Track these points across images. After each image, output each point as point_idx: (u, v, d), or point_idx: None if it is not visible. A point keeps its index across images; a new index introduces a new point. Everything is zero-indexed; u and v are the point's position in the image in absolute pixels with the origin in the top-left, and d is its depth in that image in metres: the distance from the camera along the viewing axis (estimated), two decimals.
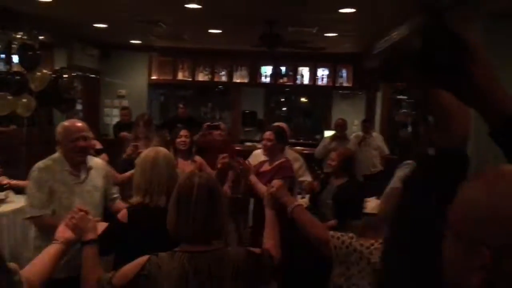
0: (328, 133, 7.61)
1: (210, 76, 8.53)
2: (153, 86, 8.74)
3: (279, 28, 5.56)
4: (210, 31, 6.35)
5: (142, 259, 1.55)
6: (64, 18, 5.79)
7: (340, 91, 8.89)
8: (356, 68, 8.34)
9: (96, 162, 2.77)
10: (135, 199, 2.10)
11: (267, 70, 8.56)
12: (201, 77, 8.55)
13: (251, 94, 9.34)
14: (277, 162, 3.35)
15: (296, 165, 3.81)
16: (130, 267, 1.55)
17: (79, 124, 2.63)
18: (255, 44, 5.96)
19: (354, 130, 7.75)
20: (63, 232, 1.71)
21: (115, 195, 2.81)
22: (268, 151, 3.37)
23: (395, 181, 3.04)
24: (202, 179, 1.64)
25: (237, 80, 8.55)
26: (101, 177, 2.68)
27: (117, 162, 4.90)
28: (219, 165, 3.56)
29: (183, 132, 3.97)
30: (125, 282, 1.53)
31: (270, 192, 2.07)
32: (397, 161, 6.12)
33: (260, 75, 8.59)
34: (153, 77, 8.49)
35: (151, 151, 2.22)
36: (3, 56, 5.67)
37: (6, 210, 3.46)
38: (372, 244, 1.87)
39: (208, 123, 5.17)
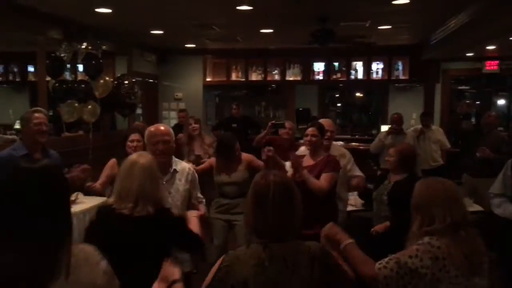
0: (384, 128, 7.44)
1: (263, 75, 8.61)
2: (208, 88, 8.95)
3: (331, 23, 5.52)
4: (261, 31, 6.42)
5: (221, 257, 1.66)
6: (124, 27, 6.08)
7: (397, 84, 8.63)
8: (413, 60, 8.07)
9: (183, 165, 2.95)
10: (111, 200, 2.20)
11: (319, 66, 8.50)
12: (254, 76, 8.65)
13: (305, 92, 9.30)
14: (321, 157, 3.41)
15: (343, 161, 3.80)
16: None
17: (162, 128, 2.84)
18: (307, 42, 5.95)
19: (413, 123, 7.51)
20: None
21: (200, 199, 3.03)
22: (313, 146, 3.43)
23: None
24: (277, 177, 1.68)
25: (290, 78, 8.57)
26: (185, 180, 2.87)
27: None
28: (264, 157, 3.63)
29: (237, 145, 4.00)
30: (209, 277, 1.63)
31: (323, 236, 1.97)
32: (459, 154, 5.90)
33: (313, 72, 8.54)
34: (208, 79, 8.70)
35: (133, 157, 2.23)
36: (69, 66, 6.04)
37: (76, 210, 3.65)
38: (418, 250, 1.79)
39: (273, 122, 5.20)
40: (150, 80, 8.35)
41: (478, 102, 10.93)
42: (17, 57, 8.51)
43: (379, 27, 6.05)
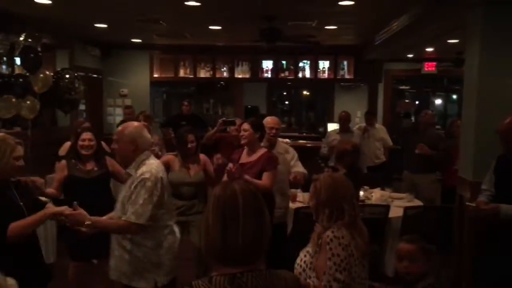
0: (331, 126, 7.64)
1: (211, 73, 8.54)
2: (155, 84, 8.77)
3: (279, 22, 5.57)
4: (210, 27, 6.37)
5: None
6: (65, 19, 5.82)
7: (342, 83, 8.89)
8: (357, 60, 8.33)
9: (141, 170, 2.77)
10: None
11: (268, 64, 8.57)
12: (203, 73, 8.56)
13: (253, 89, 9.36)
14: (260, 153, 3.47)
15: (288, 157, 3.98)
16: None
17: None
18: (255, 40, 5.97)
19: (357, 122, 7.76)
20: None
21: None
22: (247, 141, 3.48)
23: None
24: (244, 186, 1.39)
25: (238, 75, 8.57)
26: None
27: None
28: (214, 166, 3.64)
29: (190, 138, 3.90)
30: None
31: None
32: (400, 151, 6.16)
33: (262, 70, 8.59)
34: (155, 75, 8.51)
35: None
36: (5, 59, 5.71)
37: None
38: None
39: (224, 119, 5.21)
40: (94, 75, 8.04)
41: (417, 102, 11.49)
42: None
43: (326, 27, 6.18)
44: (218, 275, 1.29)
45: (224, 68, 8.57)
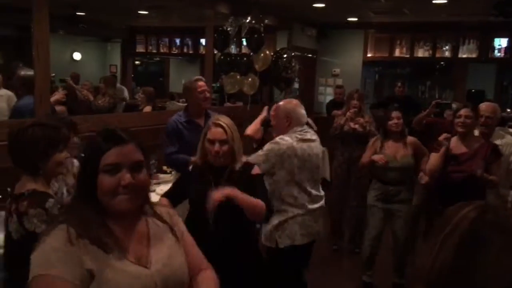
0: None
1: (430, 52, 7.84)
2: (367, 64, 8.56)
3: None
4: (434, 1, 5.79)
5: None
6: (286, 1, 6.10)
7: None
8: None
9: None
10: None
11: (501, 42, 7.38)
12: (421, 53, 7.92)
13: (480, 71, 8.23)
14: (477, 143, 3.18)
15: (509, 149, 3.52)
16: None
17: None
18: (487, 13, 5.19)
19: None
20: None
21: None
22: (466, 129, 3.21)
23: None
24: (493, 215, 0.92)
25: (463, 55, 7.64)
26: None
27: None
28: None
29: (395, 114, 3.74)
30: None
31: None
32: None
33: (492, 49, 7.46)
34: (369, 55, 8.29)
35: None
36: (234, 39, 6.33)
37: None
38: None
39: (438, 101, 4.73)
40: (309, 55, 8.31)
41: None
42: (190, 31, 9.30)
43: None
44: None
45: (446, 47, 7.74)
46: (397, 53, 8.09)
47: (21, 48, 7.38)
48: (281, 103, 3.02)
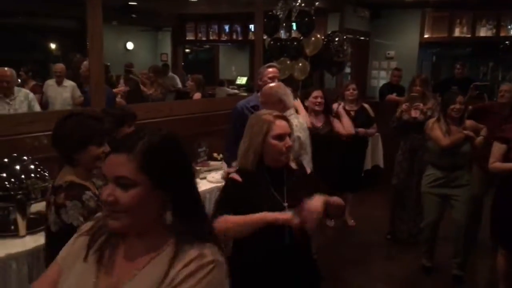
0: None
1: (494, 31, 7.34)
2: (424, 45, 8.13)
3: None
4: None
5: None
6: None
7: None
8: None
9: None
10: None
11: None
12: (483, 32, 7.43)
13: None
14: None
15: None
16: None
17: None
18: None
19: None
20: None
21: None
22: None
23: None
24: None
25: None
26: None
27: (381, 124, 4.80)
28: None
29: (459, 99, 3.55)
30: None
31: None
32: None
33: None
34: (426, 36, 7.87)
35: None
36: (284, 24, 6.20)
37: None
38: None
39: (476, 83, 4.48)
40: (361, 38, 8.01)
41: None
42: (239, 17, 9.23)
43: None
44: None
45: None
46: (457, 32, 7.63)
47: (79, 40, 7.64)
48: (267, 87, 3.07)
